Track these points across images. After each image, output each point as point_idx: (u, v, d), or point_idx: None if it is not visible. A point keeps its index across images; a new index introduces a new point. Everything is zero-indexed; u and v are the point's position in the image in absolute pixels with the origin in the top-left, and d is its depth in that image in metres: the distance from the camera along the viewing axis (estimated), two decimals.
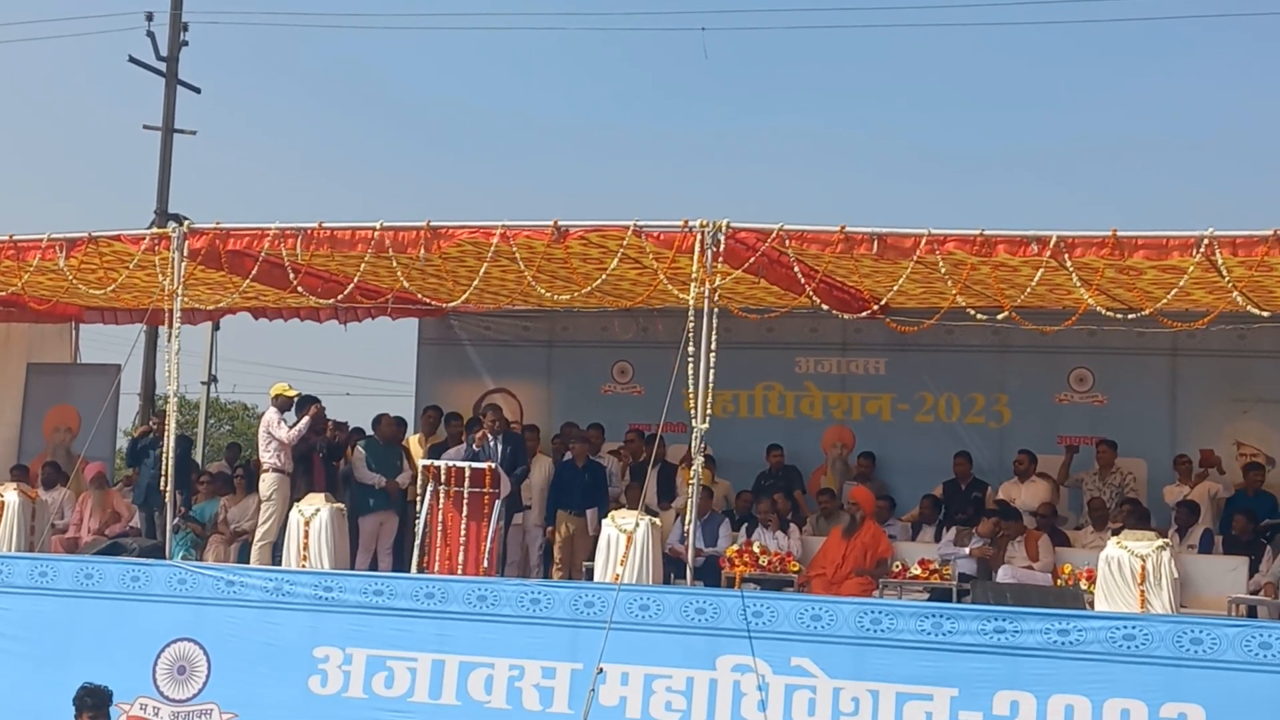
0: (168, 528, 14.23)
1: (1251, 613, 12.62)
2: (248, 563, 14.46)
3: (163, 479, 13.99)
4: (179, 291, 13.73)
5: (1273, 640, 10.65)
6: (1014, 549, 13.95)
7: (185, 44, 27.03)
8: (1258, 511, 14.46)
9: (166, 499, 14.13)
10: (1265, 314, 11.77)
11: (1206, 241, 11.03)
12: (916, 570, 13.54)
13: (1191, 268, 11.27)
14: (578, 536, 14.82)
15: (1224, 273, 11.29)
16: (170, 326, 14.03)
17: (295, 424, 14.74)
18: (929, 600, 12.90)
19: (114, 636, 13.19)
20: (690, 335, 12.17)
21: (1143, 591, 11.57)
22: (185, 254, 13.63)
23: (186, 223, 14.18)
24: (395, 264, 13.22)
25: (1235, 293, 11.43)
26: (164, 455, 14.11)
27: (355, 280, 13.70)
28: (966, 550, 13.95)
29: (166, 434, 14.13)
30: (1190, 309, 12.86)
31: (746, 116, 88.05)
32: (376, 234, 12.96)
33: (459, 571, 13.16)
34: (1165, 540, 12.05)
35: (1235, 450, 15.83)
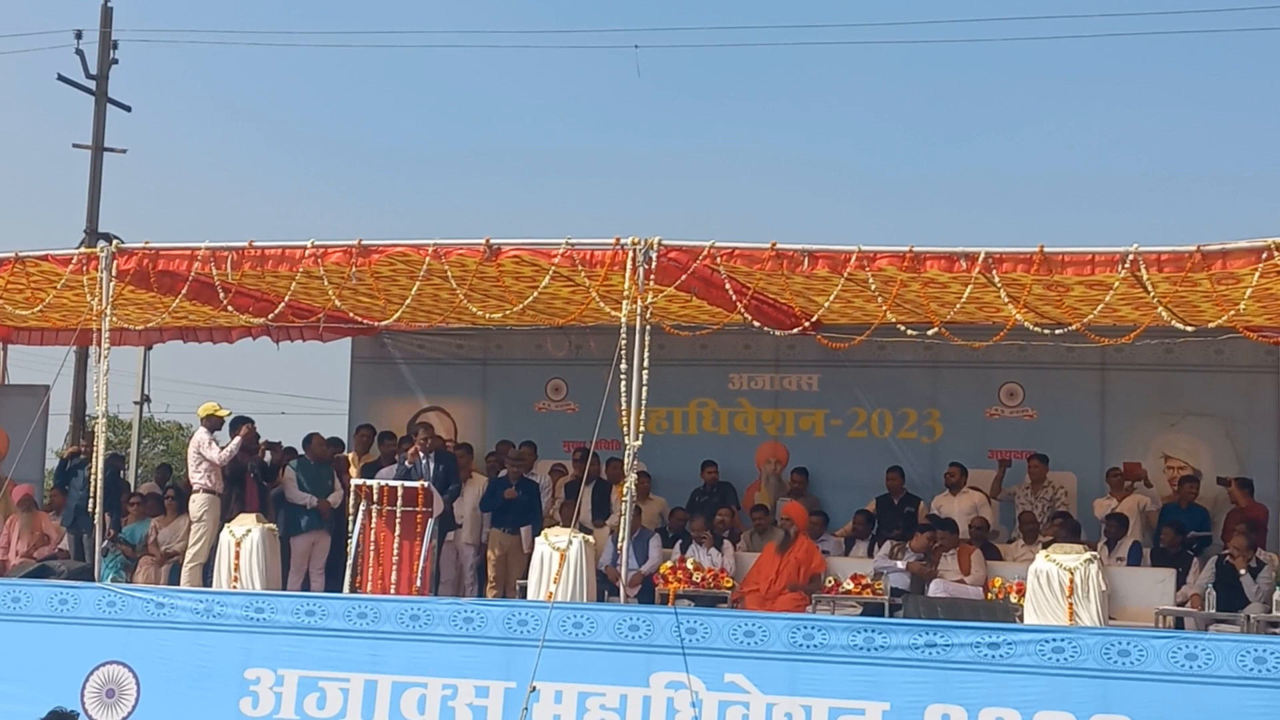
0: (96, 550, 14.10)
1: (1179, 624, 12.74)
2: (178, 584, 14.35)
3: (91, 500, 13.87)
4: (107, 312, 13.64)
5: (1199, 651, 10.76)
6: (947, 562, 14.02)
7: (115, 62, 26.88)
8: (1188, 524, 14.60)
9: (95, 520, 14.01)
10: (1190, 329, 11.89)
11: (1131, 257, 11.14)
12: (849, 585, 13.58)
13: (1117, 283, 11.39)
14: (511, 554, 14.81)
15: (1149, 288, 11.41)
16: (99, 346, 13.93)
17: (226, 445, 14.65)
18: (862, 615, 12.96)
19: (41, 660, 13.07)
20: (623, 352, 12.20)
21: (1071, 604, 11.67)
22: (113, 274, 13.55)
23: (115, 242, 14.09)
24: (326, 283, 13.18)
25: (1161, 308, 11.54)
26: (92, 476, 14.00)
27: (286, 299, 13.64)
28: (901, 565, 14.02)
29: (95, 455, 14.01)
30: (1117, 324, 12.99)
31: (680, 135, 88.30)
32: (307, 252, 12.93)
33: (392, 591, 13.12)
34: (1093, 553, 12.16)
35: (1163, 463, 16.00)
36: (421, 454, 14.28)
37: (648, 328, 12.32)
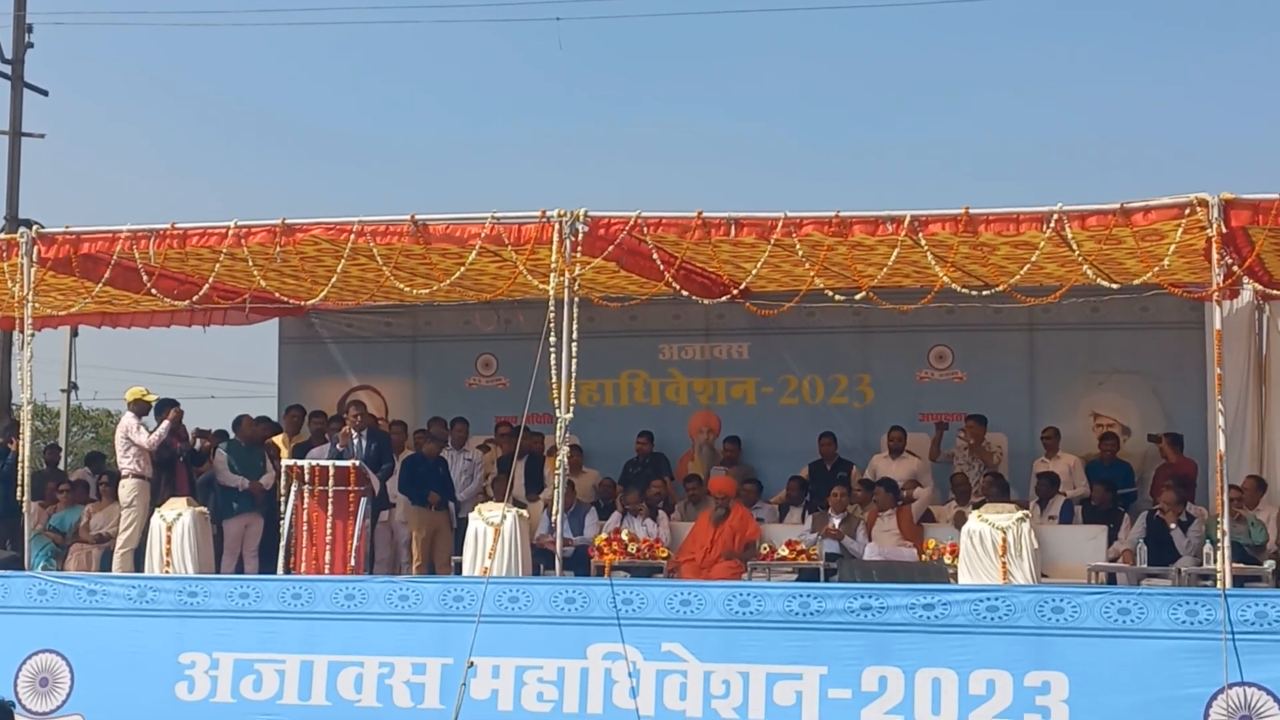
0: (26, 538, 13.94)
1: (1111, 579, 12.87)
2: (110, 571, 14.21)
3: (19, 489, 13.72)
4: (29, 298, 13.47)
5: (1131, 606, 10.87)
6: (885, 522, 14.09)
7: (31, 45, 26.45)
8: (1114, 480, 14.74)
9: (24, 509, 13.84)
10: (1115, 286, 11.98)
11: (1056, 216, 11.22)
12: (784, 552, 13.63)
13: (1043, 243, 11.46)
14: (441, 532, 14.75)
15: (1074, 246, 11.49)
16: (22, 333, 13.77)
17: (155, 429, 14.51)
18: (797, 581, 13.01)
19: None
20: (552, 325, 12.17)
21: (1004, 563, 11.76)
22: (35, 259, 13.39)
23: (35, 227, 13.92)
24: (251, 263, 13.07)
25: (1086, 266, 11.63)
26: (20, 466, 13.84)
27: (210, 280, 13.51)
28: (814, 536, 14.03)
29: (21, 444, 13.86)
30: (1044, 284, 13.06)
31: (606, 107, 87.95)
32: (231, 232, 12.82)
33: (326, 571, 13.05)
34: (1024, 512, 12.27)
35: (1092, 421, 16.11)
36: (354, 433, 14.20)
37: (576, 300, 12.29)
